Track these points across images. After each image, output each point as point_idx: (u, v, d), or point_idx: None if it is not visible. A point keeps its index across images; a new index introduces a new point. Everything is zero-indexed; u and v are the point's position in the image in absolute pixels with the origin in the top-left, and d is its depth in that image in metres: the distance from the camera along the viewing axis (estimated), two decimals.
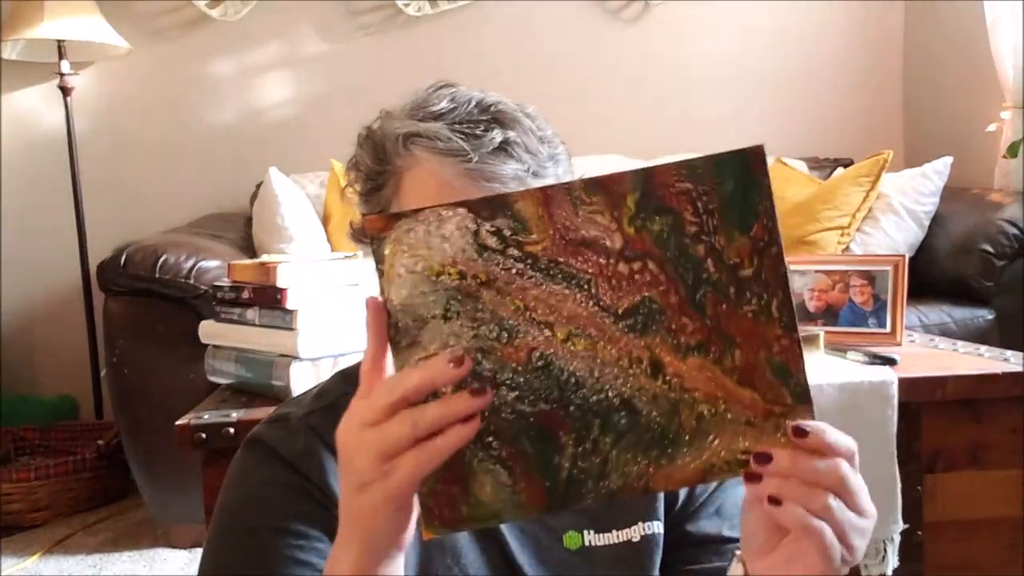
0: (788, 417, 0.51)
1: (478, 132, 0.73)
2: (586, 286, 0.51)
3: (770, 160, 2.51)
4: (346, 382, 0.80)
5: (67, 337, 2.90)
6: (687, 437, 0.52)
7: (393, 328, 0.51)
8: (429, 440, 0.50)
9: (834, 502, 0.52)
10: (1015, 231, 2.41)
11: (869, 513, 0.54)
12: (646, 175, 0.51)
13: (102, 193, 2.94)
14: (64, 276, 2.91)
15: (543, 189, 0.51)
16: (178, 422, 1.27)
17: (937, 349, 1.66)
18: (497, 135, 0.73)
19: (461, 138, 0.73)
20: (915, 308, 2.28)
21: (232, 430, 1.24)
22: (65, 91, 2.78)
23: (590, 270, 0.51)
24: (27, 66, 2.87)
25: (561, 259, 0.51)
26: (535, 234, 0.51)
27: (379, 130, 0.79)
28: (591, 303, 0.51)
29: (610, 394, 0.51)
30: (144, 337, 2.18)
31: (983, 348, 1.62)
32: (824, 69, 3.26)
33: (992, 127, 2.80)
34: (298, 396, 0.84)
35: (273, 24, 3.03)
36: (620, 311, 0.51)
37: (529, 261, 0.51)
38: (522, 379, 0.51)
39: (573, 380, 0.51)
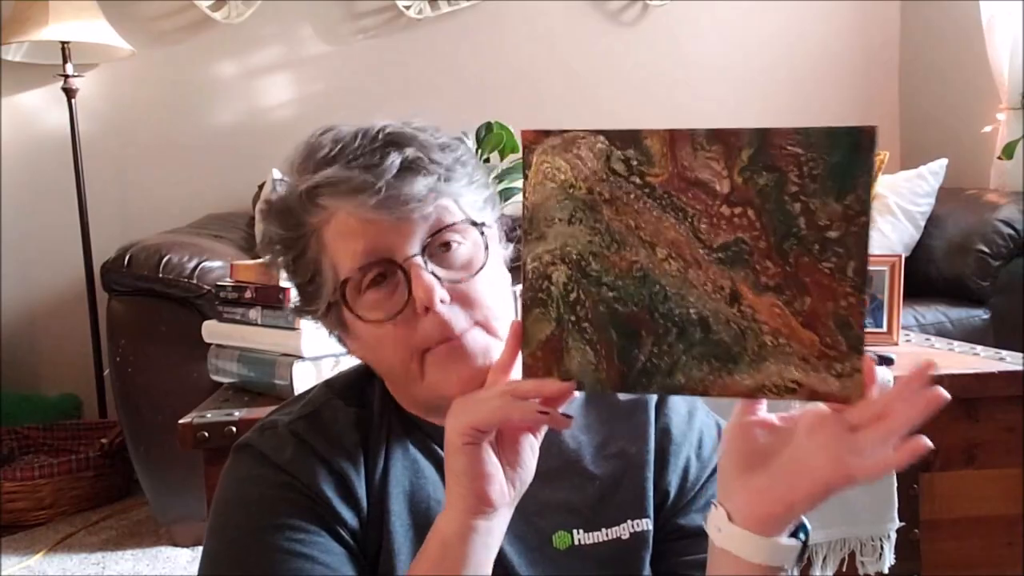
0: (841, 361, 0.58)
1: (375, 161, 0.72)
2: (690, 219, 0.59)
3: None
4: (331, 391, 0.82)
5: (71, 336, 2.92)
6: (748, 359, 0.59)
7: (528, 222, 0.61)
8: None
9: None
10: (1010, 231, 2.43)
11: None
12: (763, 134, 0.57)
13: (106, 194, 2.96)
14: (68, 276, 2.92)
15: (671, 131, 0.58)
16: (181, 421, 1.28)
17: (933, 348, 1.67)
18: (395, 157, 0.72)
19: (360, 172, 0.71)
20: (911, 308, 2.30)
21: (234, 429, 1.25)
22: (69, 93, 2.79)
23: (696, 206, 0.59)
24: (31, 68, 2.88)
25: (674, 192, 0.59)
26: (657, 168, 0.59)
27: (279, 198, 0.77)
28: (691, 233, 0.59)
29: (691, 310, 0.60)
30: (147, 337, 2.19)
31: (979, 348, 1.63)
32: (821, 70, 3.27)
33: (988, 128, 2.81)
34: (284, 405, 0.84)
35: (275, 26, 3.05)
36: (714, 245, 0.59)
37: (647, 189, 0.59)
38: (620, 283, 0.60)
39: (663, 293, 0.60)
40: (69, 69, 2.75)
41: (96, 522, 2.47)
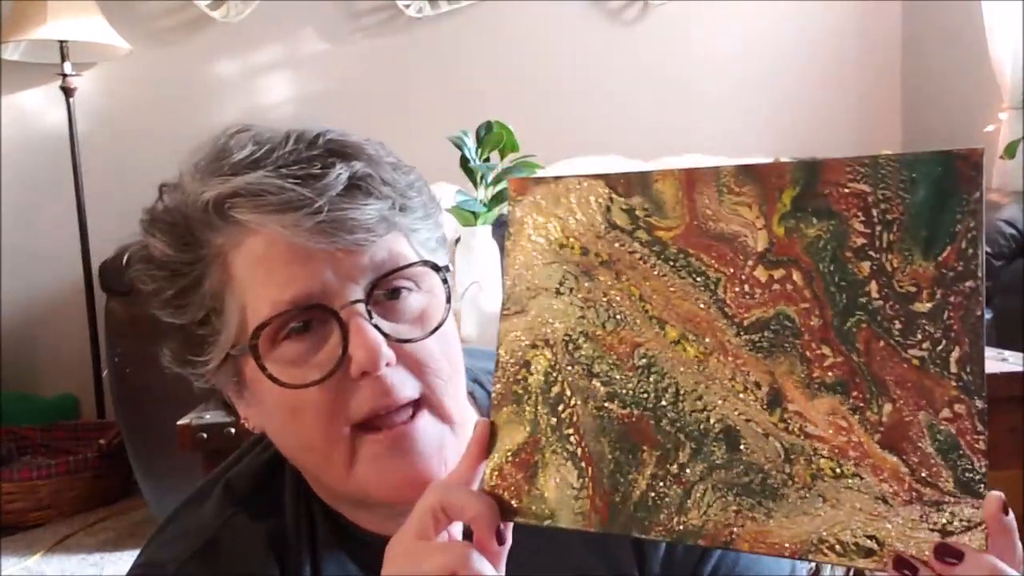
0: (943, 508, 0.38)
1: (315, 172, 0.56)
2: (712, 286, 0.44)
3: (768, 161, 2.54)
4: (230, 501, 0.65)
5: (69, 336, 2.91)
6: (795, 495, 0.41)
7: (507, 293, 0.48)
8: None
9: None
10: (1013, 231, 2.42)
11: None
12: (814, 168, 0.42)
13: (104, 193, 2.95)
14: (66, 276, 2.92)
15: (689, 170, 0.45)
16: (180, 422, 1.27)
17: None
18: (342, 171, 0.56)
19: (296, 183, 0.55)
20: None
21: (233, 430, 1.24)
22: (67, 92, 2.78)
23: (721, 269, 0.43)
24: (29, 67, 2.87)
25: (691, 251, 0.44)
26: (669, 219, 0.45)
27: (174, 206, 0.60)
28: (714, 307, 0.43)
29: (711, 417, 0.43)
30: (146, 337, 2.17)
31: None
32: (823, 70, 3.27)
33: (990, 128, 2.81)
34: (171, 522, 0.68)
35: (274, 25, 3.04)
36: (746, 323, 0.43)
37: (656, 247, 0.45)
38: (618, 375, 0.45)
39: (673, 389, 0.44)
40: (67, 68, 2.74)
41: (94, 523, 2.46)
